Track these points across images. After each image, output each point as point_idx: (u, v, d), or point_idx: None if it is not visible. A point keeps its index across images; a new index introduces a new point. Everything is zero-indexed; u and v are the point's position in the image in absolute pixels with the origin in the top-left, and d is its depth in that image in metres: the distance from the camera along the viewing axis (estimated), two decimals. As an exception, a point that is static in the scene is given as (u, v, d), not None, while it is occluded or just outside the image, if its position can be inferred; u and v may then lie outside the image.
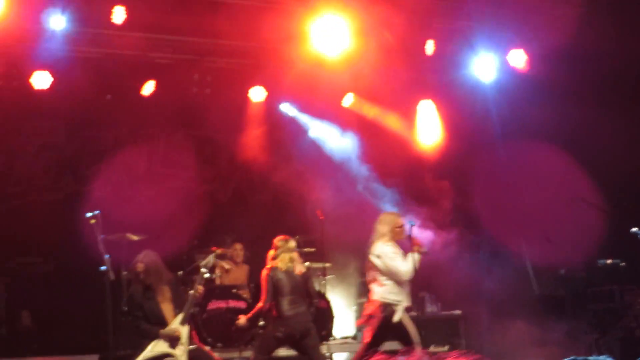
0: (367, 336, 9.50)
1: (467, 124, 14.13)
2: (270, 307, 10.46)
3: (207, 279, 10.42)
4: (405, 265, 9.44)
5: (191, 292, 10.11)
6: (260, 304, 10.54)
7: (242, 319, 10.71)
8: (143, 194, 14.65)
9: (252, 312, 10.77)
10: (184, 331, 9.84)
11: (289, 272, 10.53)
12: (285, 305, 10.37)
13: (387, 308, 9.45)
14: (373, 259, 9.64)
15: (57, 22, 12.00)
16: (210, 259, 10.54)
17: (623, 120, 12.47)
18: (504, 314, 12.72)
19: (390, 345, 9.74)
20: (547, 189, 13.24)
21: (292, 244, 10.83)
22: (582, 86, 12.94)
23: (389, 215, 9.78)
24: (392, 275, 9.49)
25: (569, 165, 13.00)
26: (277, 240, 10.76)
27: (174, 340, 9.78)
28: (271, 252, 10.68)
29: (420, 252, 9.53)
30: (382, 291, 9.56)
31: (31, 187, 14.14)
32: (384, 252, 9.52)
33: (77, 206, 12.61)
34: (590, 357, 8.17)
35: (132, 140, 14.76)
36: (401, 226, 9.60)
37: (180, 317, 9.91)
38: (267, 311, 10.60)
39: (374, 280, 9.66)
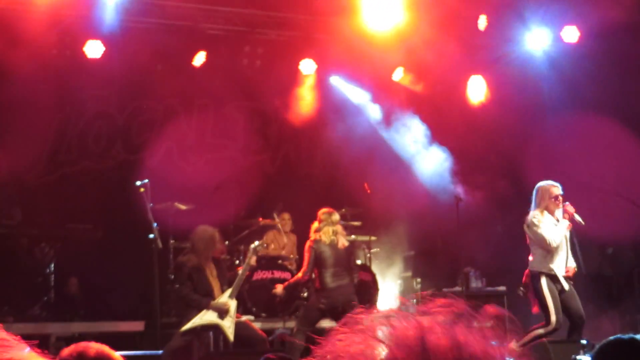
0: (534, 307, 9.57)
1: (518, 99, 13.99)
2: (309, 278, 10.53)
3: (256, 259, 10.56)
4: (551, 233, 9.33)
5: (242, 269, 10.26)
6: (299, 275, 10.61)
7: (279, 288, 10.80)
8: (192, 163, 14.78)
9: (290, 281, 10.84)
10: (233, 305, 9.96)
11: (332, 245, 10.58)
12: (328, 277, 10.43)
13: (535, 278, 9.49)
14: (525, 228, 9.64)
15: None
16: (260, 244, 10.64)
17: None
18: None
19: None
20: (599, 163, 13.09)
21: (336, 217, 10.87)
22: (637, 61, 12.75)
23: (543, 185, 9.62)
24: (539, 243, 9.45)
25: (622, 138, 12.82)
26: (321, 213, 10.80)
27: (223, 313, 9.90)
28: (315, 225, 10.73)
29: (570, 221, 9.41)
30: (531, 260, 9.62)
31: (82, 155, 14.28)
32: (532, 221, 9.47)
33: (127, 174, 12.75)
34: (637, 335, 8.08)
35: (183, 111, 14.82)
36: (557, 196, 9.47)
37: (229, 291, 10.04)
38: (310, 282, 10.66)
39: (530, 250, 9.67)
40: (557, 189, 9.46)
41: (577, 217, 9.38)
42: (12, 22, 12.02)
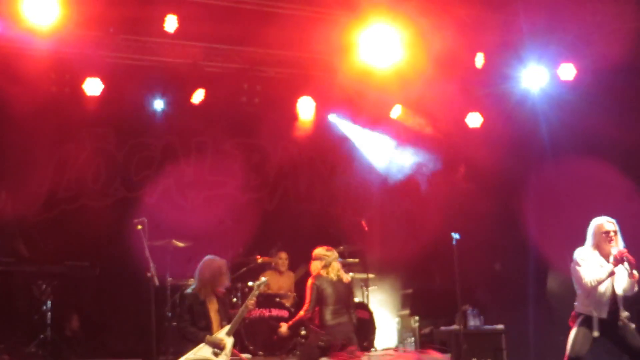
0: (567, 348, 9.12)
1: (515, 137, 14.05)
2: (312, 316, 10.48)
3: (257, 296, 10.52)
4: (591, 274, 8.93)
5: (242, 307, 10.23)
6: (302, 313, 10.57)
7: (284, 327, 10.75)
8: (190, 201, 14.78)
9: (294, 320, 10.80)
10: (229, 342, 9.91)
11: (335, 282, 10.54)
12: (328, 314, 10.38)
13: (578, 319, 9.13)
14: (571, 264, 9.24)
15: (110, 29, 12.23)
16: (262, 282, 10.62)
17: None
18: (547, 330, 12.61)
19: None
20: (597, 204, 13.08)
21: (336, 254, 10.86)
22: (634, 101, 12.80)
23: (597, 220, 9.20)
24: (578, 282, 9.08)
25: (619, 180, 12.84)
26: (324, 250, 10.76)
27: (218, 349, 9.85)
28: (316, 263, 10.68)
29: (618, 264, 8.91)
30: (576, 301, 9.21)
31: (81, 192, 14.28)
32: (576, 257, 9.10)
33: (126, 212, 12.73)
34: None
35: (181, 148, 14.87)
36: (607, 232, 9.01)
37: (227, 328, 10.00)
38: (309, 320, 10.62)
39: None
40: (609, 225, 9.05)
41: (626, 264, 8.88)
42: (12, 60, 12.13)
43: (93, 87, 13.12)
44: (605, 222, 9.10)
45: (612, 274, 8.93)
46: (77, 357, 12.49)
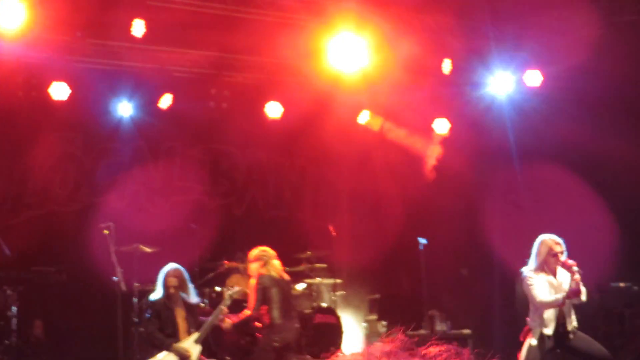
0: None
1: (482, 143, 14.14)
2: (257, 315, 10.51)
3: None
4: (547, 296, 9.05)
5: (212, 316, 10.23)
6: (247, 312, 10.60)
7: (227, 322, 10.69)
8: (158, 206, 14.73)
9: (240, 318, 10.78)
10: (196, 351, 9.91)
11: (278, 280, 10.61)
12: (277, 313, 10.44)
13: (529, 334, 9.23)
14: (518, 282, 9.47)
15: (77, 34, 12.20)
16: (235, 291, 10.63)
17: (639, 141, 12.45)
18: (514, 334, 12.68)
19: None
20: (562, 209, 13.22)
21: (273, 252, 10.93)
22: (598, 107, 12.92)
23: (543, 238, 9.26)
24: (531, 300, 9.18)
25: (583, 186, 12.97)
26: (259, 251, 10.83)
27: (183, 357, 9.84)
28: (254, 264, 10.74)
29: (574, 279, 8.96)
30: (529, 316, 9.31)
31: (48, 198, 14.18)
32: (525, 275, 9.20)
33: (93, 217, 12.69)
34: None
35: (150, 153, 14.82)
36: (555, 254, 9.09)
37: (195, 336, 10.00)
38: (256, 319, 10.64)
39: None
40: (557, 247, 9.13)
41: (576, 269, 8.91)
42: (-23, 65, 12.04)
43: (60, 91, 13.04)
44: (553, 244, 9.17)
45: (563, 303, 9.01)
46: (42, 363, 12.42)
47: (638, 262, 10.85)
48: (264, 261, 10.72)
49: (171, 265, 10.43)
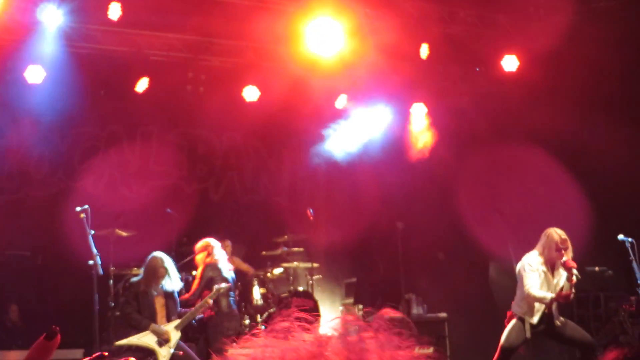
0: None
1: (459, 127, 14.18)
2: (194, 300, 10.69)
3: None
4: (538, 291, 9.15)
5: (197, 306, 10.29)
6: (187, 295, 10.81)
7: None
8: (135, 191, 14.69)
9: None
10: (175, 336, 9.94)
11: (224, 269, 10.78)
12: (224, 302, 10.58)
13: (512, 319, 9.38)
14: (517, 267, 9.46)
15: (52, 17, 12.08)
16: (224, 287, 10.71)
17: (614, 127, 12.51)
18: (489, 318, 12.77)
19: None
20: (536, 193, 13.29)
21: (219, 243, 11.12)
22: (573, 92, 12.99)
23: (552, 231, 9.29)
24: (520, 286, 9.32)
25: (559, 170, 13.04)
26: (205, 241, 11.04)
27: (162, 340, 9.87)
28: (201, 255, 10.91)
29: (570, 280, 9.14)
30: (514, 301, 9.48)
31: (24, 182, 14.12)
32: (525, 262, 9.30)
33: (69, 201, 12.64)
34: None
35: (126, 137, 14.77)
36: (560, 250, 9.13)
37: (176, 322, 10.03)
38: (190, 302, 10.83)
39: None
40: (564, 243, 9.20)
41: (575, 272, 9.10)
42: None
43: (35, 75, 12.95)
44: (561, 236, 9.22)
45: (550, 303, 9.18)
46: (17, 347, 12.35)
47: (612, 246, 10.90)
48: (208, 252, 10.90)
49: (153, 254, 10.48)
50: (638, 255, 9.95)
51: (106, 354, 3.61)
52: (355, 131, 14.80)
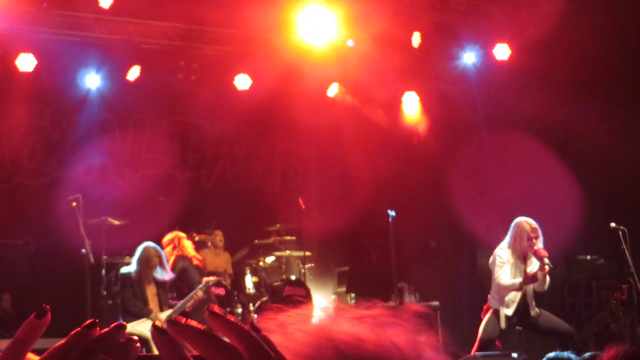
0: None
1: (451, 115, 14.20)
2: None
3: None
4: (507, 280, 9.15)
5: (187, 297, 10.33)
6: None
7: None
8: (127, 179, 14.68)
9: None
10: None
11: (192, 258, 10.85)
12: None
13: (488, 312, 9.42)
14: (490, 260, 9.50)
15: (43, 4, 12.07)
16: (213, 280, 10.76)
17: (606, 116, 12.53)
18: (481, 306, 12.79)
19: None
20: (529, 181, 13.32)
21: (183, 234, 11.20)
22: (565, 80, 13.01)
23: (521, 221, 9.26)
24: (492, 279, 9.37)
25: (551, 158, 13.07)
26: (170, 235, 11.13)
27: None
28: (167, 249, 10.96)
29: (542, 269, 9.13)
30: (490, 294, 9.50)
31: (15, 171, 14.10)
32: (496, 255, 9.32)
33: (61, 190, 12.63)
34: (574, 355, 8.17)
35: (118, 126, 14.75)
36: (530, 239, 9.11)
37: (168, 312, 10.05)
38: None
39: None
40: (535, 231, 9.18)
41: (547, 261, 9.10)
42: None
43: (26, 63, 12.91)
44: (530, 226, 9.20)
45: (520, 288, 9.16)
46: (10, 336, 12.33)
47: (604, 234, 10.93)
48: (174, 244, 10.94)
49: (144, 244, 10.51)
50: (630, 243, 9.97)
51: (97, 320, 3.64)
52: (347, 119, 14.79)
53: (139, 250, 10.51)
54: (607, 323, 11.73)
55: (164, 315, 10.07)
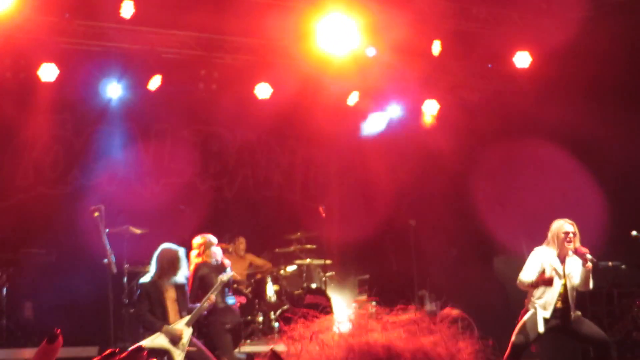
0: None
1: (471, 123, 14.17)
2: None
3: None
4: (527, 274, 9.07)
5: (204, 299, 10.29)
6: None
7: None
8: (149, 188, 14.74)
9: None
10: (187, 333, 9.95)
11: (217, 267, 10.78)
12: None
13: (526, 314, 9.24)
14: None
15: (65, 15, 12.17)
16: (229, 275, 10.68)
17: (628, 123, 12.48)
18: (504, 314, 12.74)
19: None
20: (550, 189, 13.27)
21: (213, 239, 11.07)
22: (587, 87, 12.95)
23: (557, 221, 9.22)
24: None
25: (573, 165, 13.01)
26: (199, 238, 11.03)
27: (175, 339, 9.89)
28: (193, 252, 10.91)
29: (585, 266, 8.99)
30: (527, 296, 9.35)
31: (39, 180, 14.17)
32: (531, 254, 9.25)
33: (84, 199, 12.69)
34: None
35: (140, 135, 14.81)
36: (567, 233, 9.06)
37: (187, 318, 10.03)
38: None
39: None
40: (569, 226, 9.11)
41: (589, 257, 8.96)
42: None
43: (48, 73, 12.99)
44: (564, 224, 9.16)
45: (533, 286, 9.06)
46: (32, 344, 12.40)
47: (627, 241, 10.87)
48: (199, 251, 10.89)
49: (163, 245, 10.45)
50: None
51: (117, 350, 3.64)
52: (368, 127, 14.81)
53: (159, 253, 10.40)
54: (628, 331, 11.65)
55: (182, 322, 10.04)
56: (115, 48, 13.20)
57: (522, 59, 13.53)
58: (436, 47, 13.49)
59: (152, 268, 10.36)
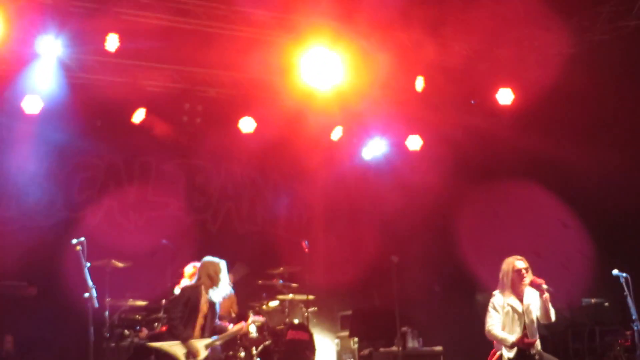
0: None
1: (453, 159, 14.21)
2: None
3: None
4: (499, 331, 9.11)
5: (235, 329, 10.35)
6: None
7: (144, 332, 10.92)
8: (133, 222, 14.68)
9: (155, 332, 10.98)
10: (203, 354, 9.96)
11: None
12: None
13: (494, 354, 9.29)
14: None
15: (51, 47, 12.17)
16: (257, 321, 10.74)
17: (608, 159, 12.54)
18: (485, 351, 12.71)
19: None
20: (534, 224, 13.30)
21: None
22: (568, 124, 13.03)
23: (506, 260, 9.26)
24: (485, 327, 9.26)
25: (555, 202, 13.06)
26: (191, 267, 11.03)
27: (191, 354, 9.91)
28: (185, 280, 10.90)
29: (542, 297, 9.01)
30: None
31: (21, 212, 14.10)
32: (490, 302, 9.25)
33: (67, 232, 12.62)
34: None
35: (125, 168, 14.78)
36: (518, 270, 9.09)
37: (208, 341, 10.05)
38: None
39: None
40: (520, 263, 9.16)
41: (545, 287, 8.98)
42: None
43: (32, 105, 12.99)
44: (514, 261, 9.19)
45: (510, 346, 9.02)
46: (11, 378, 12.34)
47: (609, 278, 10.87)
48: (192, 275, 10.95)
49: (206, 258, 10.49)
50: (632, 290, 9.90)
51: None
52: (351, 163, 14.85)
53: (202, 264, 10.41)
54: (610, 369, 11.65)
55: (202, 342, 10.04)
56: (99, 80, 13.20)
57: (505, 96, 13.60)
58: (419, 83, 13.56)
59: (196, 277, 10.41)
